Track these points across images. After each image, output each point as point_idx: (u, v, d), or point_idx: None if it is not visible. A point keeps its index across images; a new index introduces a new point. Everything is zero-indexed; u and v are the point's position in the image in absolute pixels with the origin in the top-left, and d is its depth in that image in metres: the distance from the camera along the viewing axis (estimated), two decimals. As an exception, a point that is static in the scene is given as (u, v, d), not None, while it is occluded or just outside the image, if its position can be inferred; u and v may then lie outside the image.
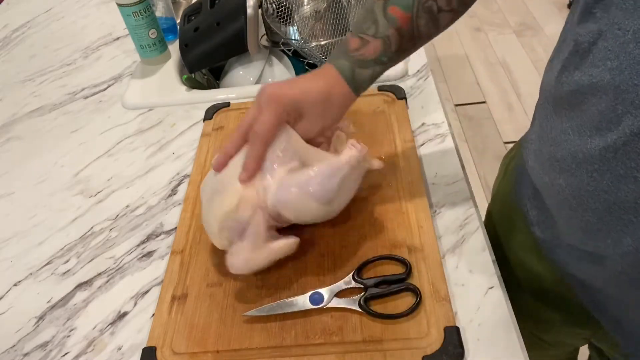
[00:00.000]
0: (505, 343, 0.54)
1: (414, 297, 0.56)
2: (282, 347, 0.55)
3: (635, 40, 0.38)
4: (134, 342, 0.59)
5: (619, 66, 0.39)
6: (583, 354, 0.89)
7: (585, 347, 0.84)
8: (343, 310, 0.57)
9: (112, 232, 0.72)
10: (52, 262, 0.70)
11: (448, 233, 0.64)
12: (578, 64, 0.44)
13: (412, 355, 0.52)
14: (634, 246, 0.44)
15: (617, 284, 0.50)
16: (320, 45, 0.89)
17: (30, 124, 0.95)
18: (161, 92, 0.96)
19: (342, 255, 0.62)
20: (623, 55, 0.39)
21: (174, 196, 0.75)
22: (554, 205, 0.55)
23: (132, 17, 0.95)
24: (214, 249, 0.65)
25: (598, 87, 0.41)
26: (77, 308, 0.64)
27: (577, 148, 0.45)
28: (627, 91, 0.39)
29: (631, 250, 0.45)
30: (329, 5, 0.87)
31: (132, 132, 0.88)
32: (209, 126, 0.84)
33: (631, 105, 0.39)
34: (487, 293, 0.58)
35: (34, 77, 1.06)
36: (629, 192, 0.42)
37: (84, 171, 0.83)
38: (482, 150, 2.10)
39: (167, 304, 0.60)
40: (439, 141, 0.76)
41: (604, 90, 0.41)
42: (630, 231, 0.44)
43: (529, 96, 2.28)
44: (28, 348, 0.61)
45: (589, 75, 0.42)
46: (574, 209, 0.49)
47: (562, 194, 0.50)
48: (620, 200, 0.43)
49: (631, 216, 0.43)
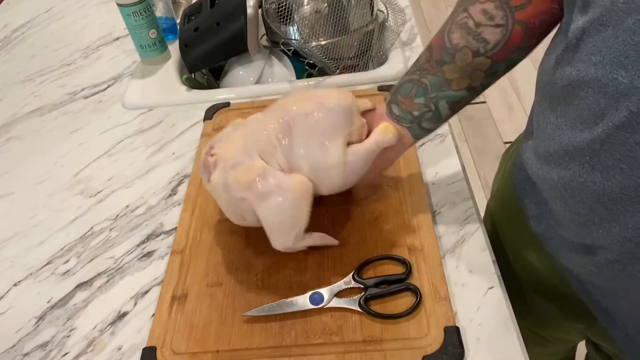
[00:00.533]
0: (505, 343, 0.54)
1: (414, 297, 0.56)
2: (282, 347, 0.55)
3: (615, 36, 0.39)
4: (134, 342, 0.59)
5: (601, 61, 0.40)
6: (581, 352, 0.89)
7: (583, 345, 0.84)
8: (343, 310, 0.57)
9: (112, 232, 0.72)
10: (52, 262, 0.70)
11: (448, 233, 0.64)
12: (569, 59, 0.45)
13: (412, 355, 0.52)
14: (622, 235, 0.45)
15: (608, 274, 0.51)
16: (320, 45, 0.89)
17: (30, 124, 0.95)
18: (161, 92, 0.96)
19: (342, 255, 0.62)
20: (606, 50, 0.40)
21: (174, 196, 0.75)
22: (548, 199, 0.56)
23: (132, 17, 0.95)
24: (214, 249, 0.65)
25: (584, 81, 0.42)
26: (77, 308, 0.64)
27: (568, 141, 0.46)
28: (608, 85, 0.40)
29: (620, 240, 0.46)
30: (329, 5, 0.87)
31: (132, 132, 0.88)
32: (209, 126, 0.84)
33: (612, 98, 0.40)
34: (487, 293, 0.58)
35: (34, 77, 1.06)
36: (615, 183, 0.43)
37: (84, 171, 0.83)
38: (482, 150, 2.10)
39: (167, 304, 0.60)
40: (439, 141, 0.76)
41: (589, 84, 0.42)
42: (619, 221, 0.45)
43: (529, 96, 2.28)
44: (28, 348, 0.61)
45: (577, 70, 0.43)
46: (567, 201, 0.50)
47: (555, 187, 0.51)
48: (608, 191, 0.44)
49: (619, 206, 0.44)
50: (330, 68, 0.92)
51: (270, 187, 0.54)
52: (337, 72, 0.92)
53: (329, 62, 0.90)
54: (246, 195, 0.55)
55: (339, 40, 0.89)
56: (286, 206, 0.55)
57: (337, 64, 0.91)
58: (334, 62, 0.91)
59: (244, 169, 0.55)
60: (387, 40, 0.96)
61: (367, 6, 0.91)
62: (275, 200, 0.54)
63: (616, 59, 0.39)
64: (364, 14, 0.91)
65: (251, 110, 0.85)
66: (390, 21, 0.96)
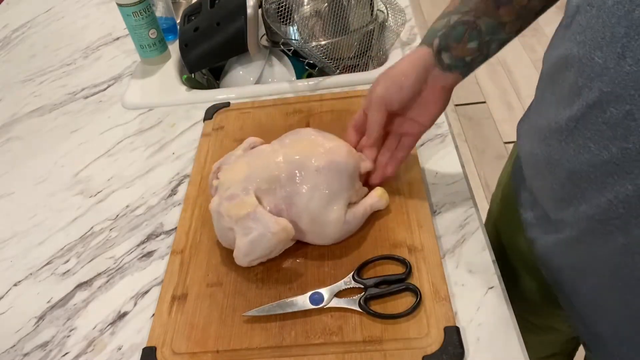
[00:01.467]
0: (505, 343, 0.54)
1: (414, 297, 0.56)
2: (282, 347, 0.55)
3: (597, 16, 0.40)
4: (134, 342, 0.59)
5: (584, 40, 0.41)
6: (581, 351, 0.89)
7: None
8: (343, 310, 0.57)
9: (112, 232, 0.72)
10: (52, 262, 0.70)
11: (448, 233, 0.64)
12: (562, 36, 0.46)
13: (412, 355, 0.52)
14: (587, 213, 0.47)
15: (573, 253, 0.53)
16: (320, 45, 0.89)
17: (30, 124, 0.95)
18: (161, 92, 0.96)
19: (342, 255, 0.62)
20: (589, 30, 0.41)
21: (174, 196, 0.75)
22: (531, 176, 0.57)
23: (132, 17, 0.95)
24: (214, 249, 0.65)
25: (569, 59, 0.44)
26: (77, 308, 0.64)
27: (552, 118, 0.48)
28: (586, 65, 0.41)
29: (584, 217, 0.47)
30: (329, 5, 0.87)
31: (132, 132, 0.88)
32: (209, 126, 0.84)
33: (588, 78, 0.41)
34: (487, 293, 0.58)
35: (34, 77, 1.06)
36: (584, 161, 0.44)
37: (84, 171, 0.83)
38: (482, 150, 2.10)
39: (167, 304, 0.60)
40: (439, 141, 0.76)
41: (572, 63, 0.43)
42: (585, 198, 0.46)
43: (529, 96, 2.27)
44: (28, 348, 0.61)
45: (565, 48, 0.44)
46: (545, 178, 0.52)
47: (537, 163, 0.53)
48: (577, 169, 0.45)
49: (586, 184, 0.45)
50: (330, 68, 0.92)
51: (255, 226, 0.58)
52: (337, 72, 0.92)
53: (329, 62, 0.90)
54: (234, 227, 0.59)
55: (339, 40, 0.89)
56: (264, 244, 0.58)
57: (337, 64, 0.91)
58: (334, 62, 0.91)
59: (237, 203, 0.59)
60: (387, 40, 0.96)
61: (367, 6, 0.91)
62: (255, 237, 0.58)
63: (595, 40, 0.40)
64: (364, 14, 0.91)
65: (251, 110, 0.85)
66: (390, 21, 0.96)
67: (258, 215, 0.58)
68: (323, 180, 0.60)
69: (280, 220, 0.58)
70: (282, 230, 0.58)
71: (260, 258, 0.60)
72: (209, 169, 0.75)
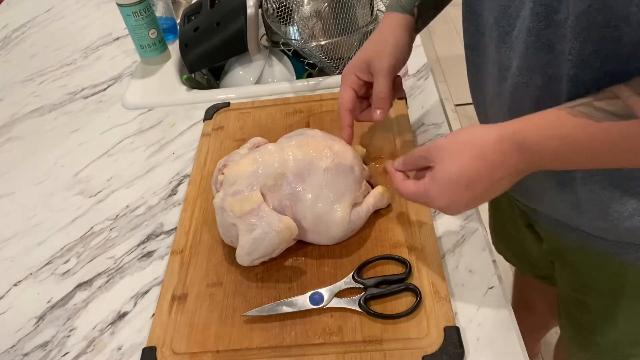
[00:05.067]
0: (505, 343, 0.54)
1: (414, 297, 0.56)
2: (282, 347, 0.55)
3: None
4: (134, 342, 0.59)
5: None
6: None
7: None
8: (343, 310, 0.57)
9: (112, 232, 0.72)
10: (52, 262, 0.70)
11: (448, 233, 0.64)
12: None
13: (412, 355, 0.52)
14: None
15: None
16: (320, 45, 0.89)
17: (30, 124, 0.95)
18: (161, 92, 0.96)
19: (342, 255, 0.62)
20: None
21: (174, 196, 0.75)
22: None
23: (132, 17, 0.95)
24: (214, 249, 0.65)
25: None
26: (77, 308, 0.64)
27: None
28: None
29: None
30: (329, 5, 0.87)
31: (132, 132, 0.88)
32: (209, 126, 0.84)
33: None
34: (487, 293, 0.58)
35: (34, 77, 1.06)
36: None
37: (84, 171, 0.83)
38: (482, 150, 2.09)
39: (167, 304, 0.60)
40: (439, 141, 0.76)
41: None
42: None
43: (529, 96, 2.27)
44: (28, 348, 0.61)
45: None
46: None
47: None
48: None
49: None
50: (330, 68, 0.92)
51: (259, 223, 0.58)
52: (337, 72, 0.92)
53: (329, 62, 0.90)
54: (237, 223, 0.59)
55: (339, 40, 0.89)
56: (267, 242, 0.58)
57: (337, 64, 0.91)
58: (334, 62, 0.91)
59: (241, 198, 0.59)
60: (387, 40, 0.96)
61: (367, 6, 0.91)
62: (259, 234, 0.58)
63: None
64: (364, 14, 0.92)
65: (251, 110, 0.85)
66: (390, 21, 0.95)
67: (262, 213, 0.58)
68: (331, 180, 0.61)
69: (284, 218, 0.58)
70: (286, 228, 0.58)
71: (262, 257, 0.60)
72: (209, 169, 0.75)
